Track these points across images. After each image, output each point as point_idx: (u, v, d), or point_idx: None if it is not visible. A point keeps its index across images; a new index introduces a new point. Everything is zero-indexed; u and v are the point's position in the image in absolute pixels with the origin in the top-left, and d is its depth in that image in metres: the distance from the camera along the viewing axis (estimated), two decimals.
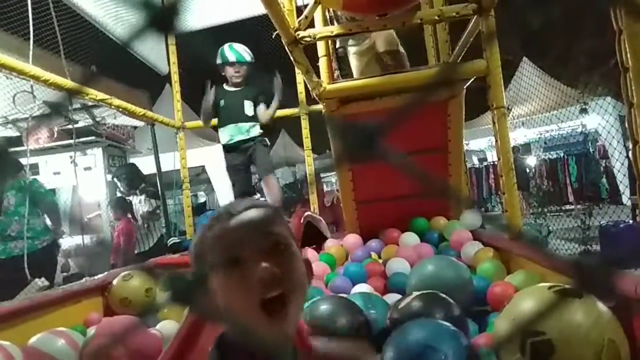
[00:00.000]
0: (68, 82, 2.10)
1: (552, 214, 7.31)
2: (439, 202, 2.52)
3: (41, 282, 2.08)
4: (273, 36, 2.33)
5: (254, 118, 2.92)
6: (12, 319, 1.65)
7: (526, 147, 10.61)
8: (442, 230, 2.45)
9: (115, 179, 4.33)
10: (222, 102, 2.91)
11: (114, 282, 2.16)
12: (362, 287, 1.83)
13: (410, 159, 2.29)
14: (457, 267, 1.58)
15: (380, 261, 2.20)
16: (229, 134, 2.90)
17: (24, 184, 3.22)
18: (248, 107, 2.89)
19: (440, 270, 1.54)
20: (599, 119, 7.04)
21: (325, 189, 6.49)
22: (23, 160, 3.50)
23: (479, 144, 11.11)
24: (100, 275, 2.28)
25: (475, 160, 12.23)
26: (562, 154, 9.64)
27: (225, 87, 2.96)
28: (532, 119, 8.75)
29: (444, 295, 1.21)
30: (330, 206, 5.94)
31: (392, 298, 1.67)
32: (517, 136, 9.40)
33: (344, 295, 1.66)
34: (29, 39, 2.59)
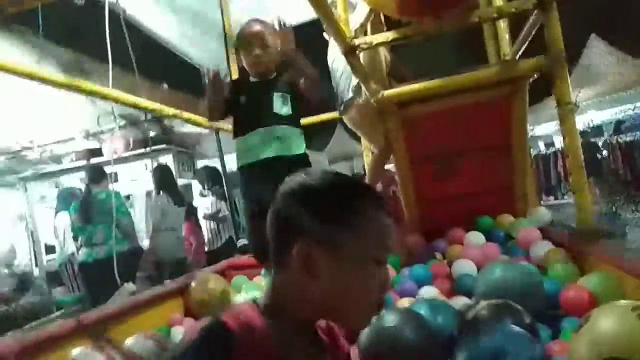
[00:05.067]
0: (144, 101, 2.27)
1: (629, 201, 6.84)
2: (504, 198, 2.48)
3: (129, 286, 2.28)
4: (323, 35, 2.38)
5: (293, 120, 1.93)
6: (108, 322, 1.84)
7: (597, 129, 9.95)
8: (509, 228, 2.40)
9: (197, 181, 4.67)
10: (242, 99, 1.94)
11: (192, 284, 2.33)
12: (428, 290, 1.85)
13: (474, 156, 2.27)
14: (526, 271, 1.57)
15: (445, 262, 2.20)
16: (250, 146, 1.87)
17: (106, 196, 3.52)
18: (279, 102, 1.88)
19: (509, 275, 1.52)
20: None
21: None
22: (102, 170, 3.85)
23: (544, 129, 10.56)
24: (180, 278, 2.46)
25: (541, 145, 11.64)
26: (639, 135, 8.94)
27: (250, 78, 2.01)
28: (603, 100, 8.19)
29: (513, 304, 1.22)
30: (392, 198, 5.86)
31: (458, 301, 1.68)
32: (587, 119, 8.86)
33: (409, 300, 1.70)
34: (104, 60, 2.83)
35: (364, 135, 2.67)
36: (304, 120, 3.35)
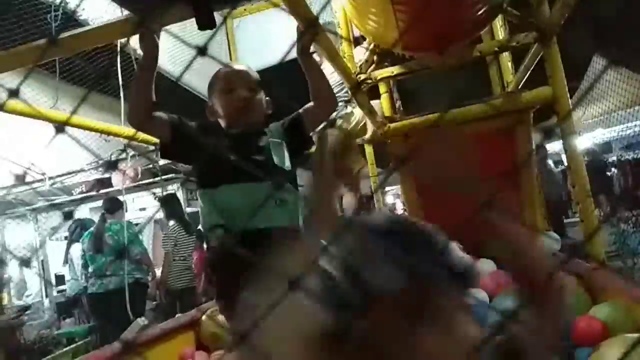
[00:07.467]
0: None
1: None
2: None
3: (142, 321, 2.29)
4: None
5: (294, 179, 1.42)
6: (120, 358, 1.85)
7: (605, 146, 9.89)
8: None
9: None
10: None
11: (203, 317, 2.33)
12: None
13: (480, 184, 2.29)
14: None
15: None
16: (232, 204, 1.24)
17: (120, 227, 3.56)
18: (278, 151, 1.34)
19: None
20: None
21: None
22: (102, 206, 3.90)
23: (553, 146, 10.52)
24: (191, 312, 2.47)
25: (550, 163, 11.58)
26: None
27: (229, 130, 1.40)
28: (610, 117, 8.18)
29: None
30: None
31: None
32: (595, 136, 8.83)
33: None
34: (118, 97, 2.91)
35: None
36: None
